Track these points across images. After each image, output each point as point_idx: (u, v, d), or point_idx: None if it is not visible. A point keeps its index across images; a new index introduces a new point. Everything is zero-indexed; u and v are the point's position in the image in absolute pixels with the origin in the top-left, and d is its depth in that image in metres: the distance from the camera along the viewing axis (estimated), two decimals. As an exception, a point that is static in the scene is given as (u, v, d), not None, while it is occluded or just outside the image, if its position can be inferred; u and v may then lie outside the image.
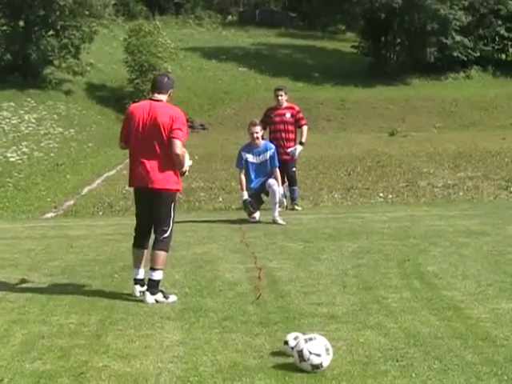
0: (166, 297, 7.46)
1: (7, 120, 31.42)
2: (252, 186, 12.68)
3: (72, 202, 16.92)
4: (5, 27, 39.72)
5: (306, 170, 20.21)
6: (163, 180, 7.47)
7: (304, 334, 5.75)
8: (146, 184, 7.48)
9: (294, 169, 14.34)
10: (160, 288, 7.52)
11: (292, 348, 5.62)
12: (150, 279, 7.50)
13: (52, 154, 25.75)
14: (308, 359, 5.41)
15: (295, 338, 5.71)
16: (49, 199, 17.53)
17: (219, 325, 6.58)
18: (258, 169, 12.68)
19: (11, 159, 23.65)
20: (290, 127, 14.22)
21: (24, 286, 8.19)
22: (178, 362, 5.70)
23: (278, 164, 12.79)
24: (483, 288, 7.68)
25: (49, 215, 15.46)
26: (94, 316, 6.94)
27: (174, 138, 7.40)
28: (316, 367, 5.41)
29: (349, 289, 7.75)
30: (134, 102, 37.98)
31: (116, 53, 46.24)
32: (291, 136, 14.24)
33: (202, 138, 35.88)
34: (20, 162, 23.43)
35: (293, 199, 14.30)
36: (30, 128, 30.84)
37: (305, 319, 6.69)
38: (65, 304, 7.36)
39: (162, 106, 7.58)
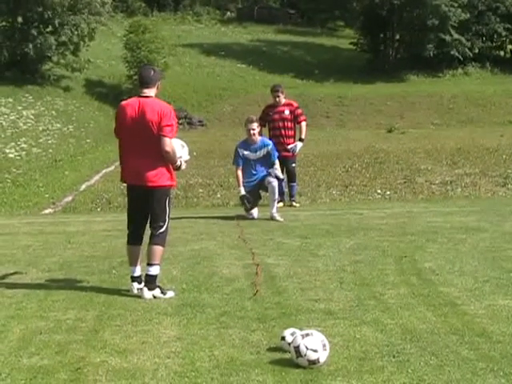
0: (163, 292, 7.47)
1: (5, 116, 31.37)
2: (250, 181, 12.70)
3: (70, 198, 16.93)
4: (3, 23, 39.67)
5: (304, 166, 20.21)
6: (156, 177, 7.48)
7: (301, 329, 5.77)
8: (139, 182, 7.50)
9: (294, 164, 14.35)
10: (157, 283, 7.54)
11: (289, 344, 5.64)
12: (147, 274, 7.52)
13: (50, 150, 25.73)
14: (305, 355, 5.42)
15: (292, 334, 5.72)
16: (47, 195, 17.54)
17: (216, 320, 6.60)
18: (256, 164, 12.71)
19: (9, 155, 23.63)
20: (289, 124, 14.23)
21: (22, 281, 8.20)
22: (175, 357, 5.72)
23: (277, 156, 12.82)
24: (480, 284, 7.70)
25: (47, 211, 15.47)
26: (91, 312, 6.96)
27: (162, 135, 7.41)
28: (313, 363, 5.43)
29: (346, 285, 7.76)
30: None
31: (114, 49, 46.22)
32: (290, 133, 14.26)
33: (200, 134, 35.87)
34: (18, 157, 23.41)
35: (291, 195, 14.31)
36: (29, 124, 30.79)
37: (302, 315, 6.71)
38: (62, 300, 7.37)
39: (151, 103, 7.56)
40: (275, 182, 12.51)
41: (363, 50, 53.63)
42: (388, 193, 16.41)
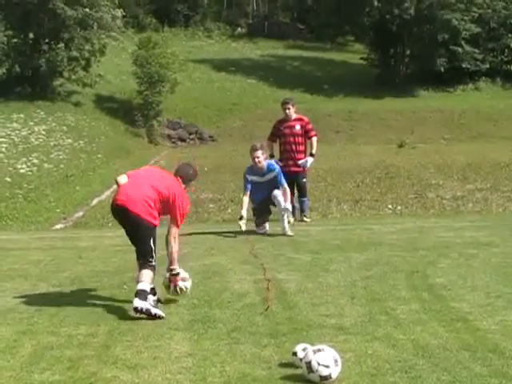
0: (154, 306, 7.44)
1: (17, 131, 31.48)
2: (259, 197, 12.72)
3: (81, 214, 16.96)
4: (15, 39, 39.89)
5: (314, 181, 20.20)
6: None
7: (312, 345, 5.75)
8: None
9: (305, 180, 14.34)
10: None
11: (301, 359, 5.62)
12: (138, 289, 7.47)
13: (61, 166, 25.81)
14: (316, 370, 5.41)
15: (304, 349, 5.71)
16: (58, 210, 17.57)
17: (228, 336, 6.59)
18: (265, 186, 12.72)
19: (21, 170, 23.70)
20: (300, 139, 14.24)
21: (33, 296, 8.21)
22: (186, 372, 5.71)
23: (284, 183, 12.81)
24: (492, 300, 7.67)
25: (58, 226, 15.49)
26: (102, 327, 6.95)
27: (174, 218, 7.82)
28: (324, 378, 5.41)
29: (357, 300, 7.74)
30: (143, 114, 38.00)
31: (125, 64, 46.36)
32: (301, 148, 14.26)
33: (210, 150, 35.95)
34: (30, 173, 23.48)
35: (302, 210, 14.30)
36: (40, 139, 30.90)
37: (313, 330, 6.69)
38: (73, 315, 7.37)
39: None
40: (280, 197, 12.50)
41: (373, 65, 53.69)
42: (399, 208, 16.38)
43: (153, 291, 7.67)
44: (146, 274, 7.53)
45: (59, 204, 18.49)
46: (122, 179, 7.82)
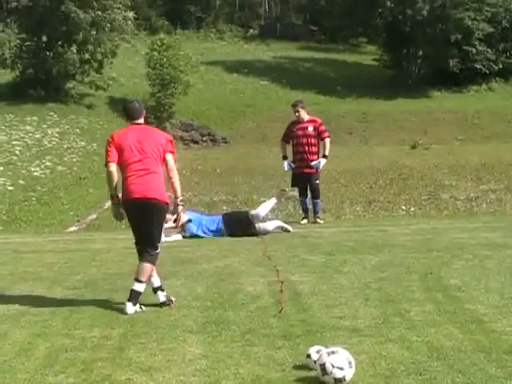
0: (141, 307, 7.63)
1: (30, 134, 31.64)
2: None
3: (94, 216, 17.00)
4: (28, 42, 40.06)
5: (327, 183, 20.19)
6: (162, 191, 7.73)
7: (326, 347, 5.73)
8: (151, 195, 7.65)
9: (318, 181, 14.32)
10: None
11: (315, 361, 5.61)
12: (133, 290, 7.61)
13: (75, 168, 25.90)
14: (331, 372, 5.40)
15: (318, 352, 5.69)
16: (71, 213, 17.63)
17: (241, 338, 6.58)
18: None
19: (35, 173, 23.81)
20: (313, 140, 14.22)
21: (47, 299, 8.23)
22: (200, 375, 5.71)
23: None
24: (506, 301, 7.62)
25: (71, 229, 15.54)
26: (116, 329, 6.96)
27: (169, 152, 7.85)
28: (339, 381, 5.40)
29: (371, 302, 7.72)
30: (156, 116, 38.02)
31: (138, 67, 46.48)
32: (314, 149, 14.24)
33: (223, 151, 35.96)
34: (43, 176, 23.58)
35: (315, 212, 14.29)
36: (53, 142, 31.04)
37: (327, 332, 6.68)
38: (87, 317, 7.39)
39: (150, 128, 8.01)
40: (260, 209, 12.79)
41: (386, 66, 53.63)
42: (412, 209, 16.35)
43: (161, 288, 7.81)
44: (147, 271, 7.66)
45: (72, 206, 18.56)
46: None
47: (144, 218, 7.66)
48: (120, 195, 7.75)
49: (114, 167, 7.69)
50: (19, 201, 19.06)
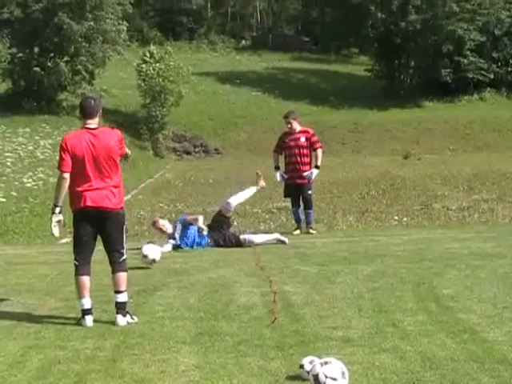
0: (132, 318, 7.59)
1: (23, 146, 31.59)
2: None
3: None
4: (20, 54, 40.07)
5: (320, 193, 20.19)
6: (117, 199, 7.69)
7: (320, 357, 5.73)
8: (102, 204, 7.62)
9: (310, 192, 14.33)
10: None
11: (308, 372, 5.61)
12: (118, 302, 7.59)
13: (67, 180, 25.82)
14: (324, 383, 5.39)
15: (311, 362, 5.69)
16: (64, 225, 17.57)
17: (235, 349, 6.57)
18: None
19: (27, 185, 23.75)
20: (305, 151, 14.24)
21: (40, 311, 8.21)
22: (193, 386, 5.71)
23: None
24: (499, 311, 7.63)
25: (64, 241, 15.47)
26: (109, 341, 6.95)
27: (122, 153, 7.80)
28: (332, 391, 5.40)
29: (364, 312, 7.72)
30: (148, 127, 37.90)
31: (130, 78, 46.47)
32: (306, 160, 14.26)
33: (216, 162, 35.97)
34: (36, 187, 23.52)
35: (308, 223, 14.30)
36: (46, 154, 30.98)
37: (320, 343, 6.68)
38: (80, 329, 7.38)
39: (100, 133, 7.73)
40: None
41: (378, 77, 53.78)
42: (405, 219, 16.36)
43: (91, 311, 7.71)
44: (124, 280, 7.67)
45: (65, 218, 18.48)
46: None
47: (100, 227, 7.69)
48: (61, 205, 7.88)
49: (68, 176, 7.71)
50: (12, 212, 19.02)
